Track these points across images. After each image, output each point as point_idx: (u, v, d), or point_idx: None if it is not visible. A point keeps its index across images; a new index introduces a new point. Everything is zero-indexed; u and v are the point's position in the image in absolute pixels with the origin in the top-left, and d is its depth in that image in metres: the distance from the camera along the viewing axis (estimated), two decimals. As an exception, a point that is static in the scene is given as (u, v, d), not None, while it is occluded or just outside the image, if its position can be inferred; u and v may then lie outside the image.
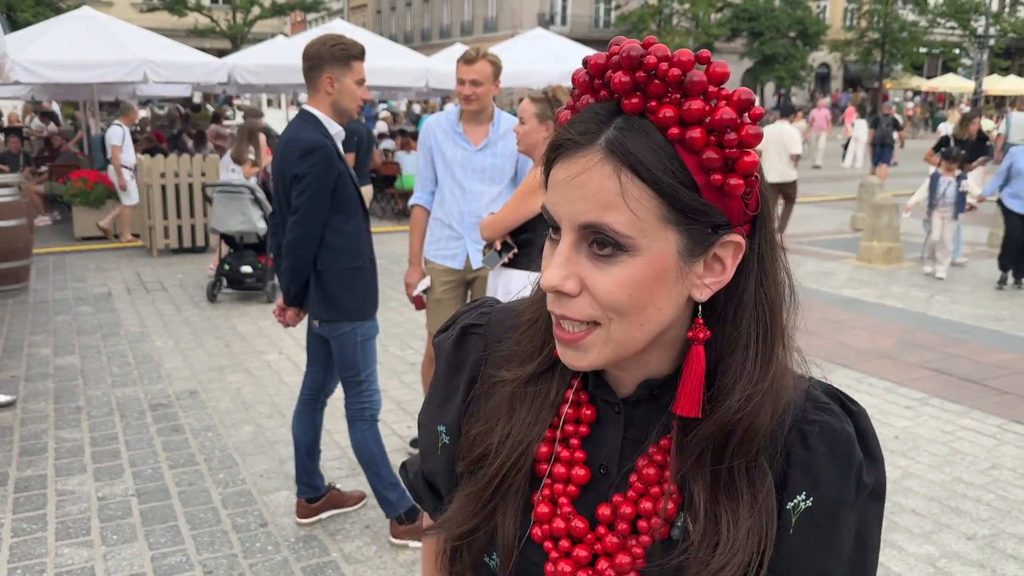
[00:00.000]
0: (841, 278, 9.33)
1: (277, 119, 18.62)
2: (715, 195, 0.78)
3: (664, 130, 0.77)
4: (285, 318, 3.59)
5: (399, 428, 4.98)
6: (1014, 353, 6.58)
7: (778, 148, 10.48)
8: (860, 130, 22.15)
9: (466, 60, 4.00)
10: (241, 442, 4.78)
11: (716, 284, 0.82)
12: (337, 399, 3.95)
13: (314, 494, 3.85)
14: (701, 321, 0.83)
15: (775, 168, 10.54)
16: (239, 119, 18.73)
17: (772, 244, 0.84)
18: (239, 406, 5.33)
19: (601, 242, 0.78)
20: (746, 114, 0.77)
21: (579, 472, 0.90)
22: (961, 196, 9.02)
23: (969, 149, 15.10)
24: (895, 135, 17.76)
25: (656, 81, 0.77)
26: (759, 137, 0.77)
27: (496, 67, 4.05)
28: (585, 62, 0.81)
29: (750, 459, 0.84)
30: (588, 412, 0.91)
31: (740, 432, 0.82)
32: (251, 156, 9.50)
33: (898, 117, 19.18)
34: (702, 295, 0.82)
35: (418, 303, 4.41)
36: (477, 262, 4.14)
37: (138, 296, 8.27)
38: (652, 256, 0.78)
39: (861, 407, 0.91)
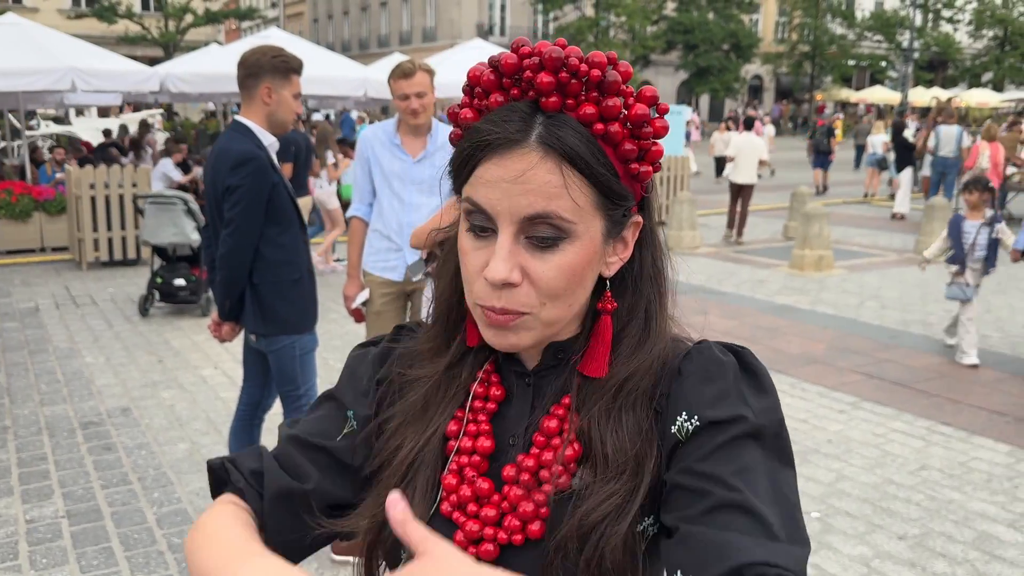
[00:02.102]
0: (774, 286, 9.53)
1: (86, 128, 17.66)
2: (630, 182, 0.87)
3: (588, 126, 0.83)
4: (221, 333, 3.52)
5: (339, 442, 4.92)
6: (942, 357, 6.79)
7: (750, 155, 12.18)
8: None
9: (405, 74, 3.95)
10: (176, 460, 4.67)
11: (621, 261, 0.92)
12: (275, 414, 3.89)
13: (252, 511, 3.77)
14: (609, 294, 0.92)
15: (746, 172, 12.18)
16: (44, 129, 18.05)
17: (654, 219, 0.95)
18: (173, 423, 5.21)
19: (541, 235, 0.84)
20: (655, 109, 0.87)
21: (484, 443, 0.93)
22: (994, 244, 6.47)
23: (896, 160, 15.61)
24: (828, 143, 18.49)
25: (574, 81, 0.83)
26: (667, 129, 0.87)
27: (432, 75, 4.04)
28: (496, 62, 0.86)
29: (636, 398, 0.90)
30: (497, 392, 0.96)
31: (631, 385, 0.90)
32: (332, 160, 9.60)
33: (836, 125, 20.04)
34: (610, 271, 0.91)
35: (357, 315, 4.37)
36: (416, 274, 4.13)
37: (67, 311, 8.03)
38: (586, 240, 0.85)
39: (748, 349, 0.93)
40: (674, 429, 0.86)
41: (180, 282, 7.91)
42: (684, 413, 0.86)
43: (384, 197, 4.18)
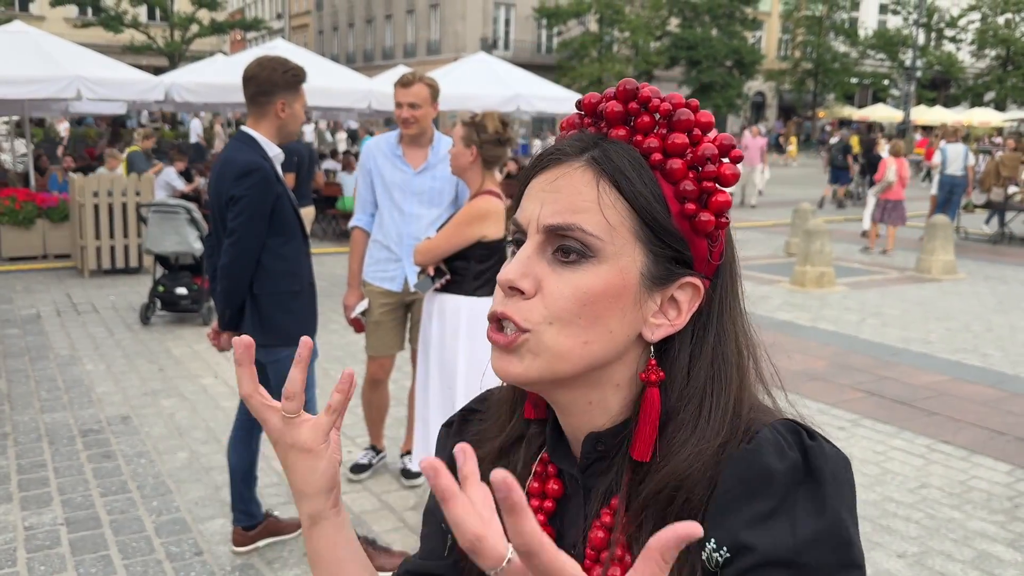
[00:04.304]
0: (775, 301, 9.53)
1: None
2: (686, 226, 0.79)
3: (647, 156, 0.78)
4: (219, 342, 3.53)
5: (338, 453, 4.91)
6: (942, 375, 6.78)
7: None
8: None
9: (403, 84, 4.04)
10: (175, 468, 4.67)
11: (670, 327, 0.80)
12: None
13: (251, 522, 3.77)
14: (654, 362, 0.80)
15: None
16: None
17: (734, 302, 0.84)
18: (173, 431, 5.21)
19: (566, 249, 0.77)
20: (727, 155, 0.80)
21: None
22: None
23: (869, 172, 15.89)
24: (844, 158, 18.88)
25: (646, 116, 0.79)
26: (736, 177, 0.79)
27: (433, 90, 4.08)
28: (579, 103, 0.83)
29: (686, 518, 0.77)
30: (555, 486, 0.87)
31: (684, 492, 0.76)
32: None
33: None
34: (654, 335, 0.80)
35: (356, 325, 4.38)
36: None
37: (68, 318, 8.04)
38: (616, 268, 0.77)
39: (823, 444, 0.78)
40: (704, 556, 0.75)
41: (182, 291, 7.92)
42: (714, 540, 0.74)
43: (385, 208, 4.21)
